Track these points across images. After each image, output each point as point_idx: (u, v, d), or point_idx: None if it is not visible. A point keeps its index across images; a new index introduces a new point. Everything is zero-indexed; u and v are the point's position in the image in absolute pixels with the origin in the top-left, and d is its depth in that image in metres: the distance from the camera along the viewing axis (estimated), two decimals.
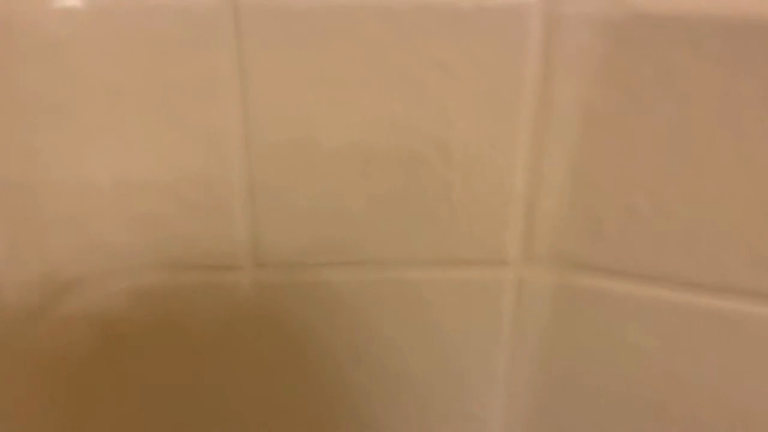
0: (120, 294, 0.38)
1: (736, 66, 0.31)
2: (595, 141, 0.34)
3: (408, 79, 0.34)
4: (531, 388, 0.41)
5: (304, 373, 0.41)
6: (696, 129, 0.33)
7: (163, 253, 0.37)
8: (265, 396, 0.42)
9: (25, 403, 0.37)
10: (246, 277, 0.38)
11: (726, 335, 0.36)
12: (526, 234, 0.37)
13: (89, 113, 0.34)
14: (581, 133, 0.34)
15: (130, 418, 0.41)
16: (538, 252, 0.37)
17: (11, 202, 0.34)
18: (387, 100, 0.34)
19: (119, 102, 0.34)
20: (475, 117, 0.35)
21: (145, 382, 0.40)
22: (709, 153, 0.33)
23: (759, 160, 0.33)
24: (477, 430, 0.43)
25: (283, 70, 0.34)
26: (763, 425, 0.38)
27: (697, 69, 0.32)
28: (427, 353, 0.41)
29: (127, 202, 0.36)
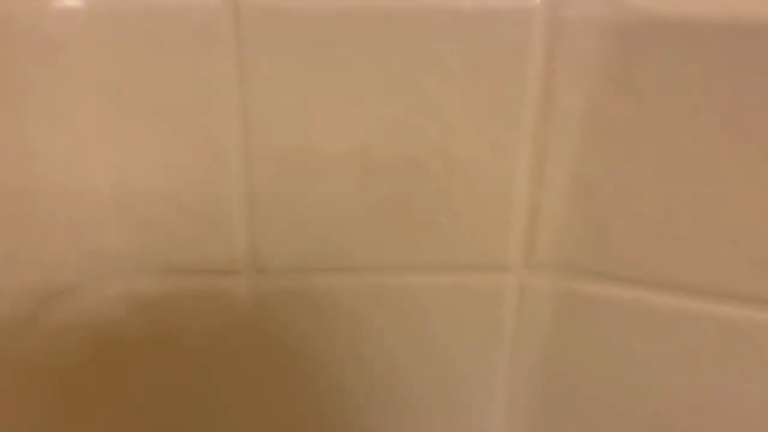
0: (118, 299, 0.37)
1: (740, 70, 0.31)
2: (598, 146, 0.34)
3: (409, 83, 0.34)
4: (532, 396, 0.41)
5: (303, 380, 0.41)
6: (700, 134, 0.33)
7: (161, 258, 0.37)
8: (262, 403, 0.41)
9: (20, 410, 0.37)
10: (245, 282, 0.38)
11: (729, 342, 0.36)
12: (528, 240, 0.37)
13: (88, 116, 0.34)
14: (584, 138, 0.34)
15: (127, 426, 0.40)
16: (540, 258, 0.37)
17: (8, 206, 0.34)
18: (388, 104, 0.34)
19: (118, 105, 0.34)
20: (477, 122, 0.34)
21: (142, 388, 0.40)
22: (713, 158, 0.33)
23: (764, 165, 0.32)
24: None
25: (283, 73, 0.33)
26: None
27: (702, 73, 0.31)
28: (426, 360, 0.40)
29: (126, 206, 0.36)
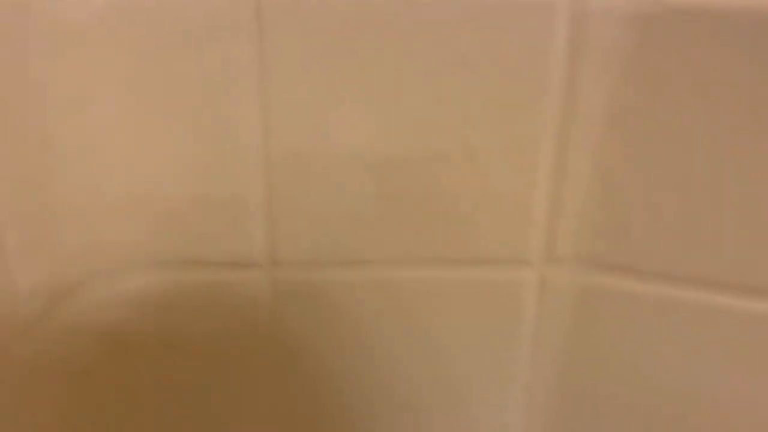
0: (134, 292, 0.37)
1: (765, 61, 0.31)
2: (621, 139, 0.34)
3: (430, 75, 0.34)
4: (551, 392, 0.40)
5: (320, 374, 0.41)
6: (724, 126, 0.32)
7: (178, 251, 0.37)
8: (277, 397, 0.41)
9: (29, 408, 0.36)
10: (262, 275, 0.37)
11: (757, 338, 0.36)
12: (549, 234, 0.37)
13: (106, 107, 0.34)
14: (607, 131, 0.34)
15: (140, 424, 0.40)
16: (561, 252, 0.37)
17: (24, 197, 0.33)
18: (409, 96, 0.34)
19: (136, 96, 0.34)
20: (498, 114, 0.34)
21: (155, 386, 0.40)
22: (737, 151, 0.33)
23: None
24: None
25: (303, 66, 0.33)
26: None
27: (726, 64, 0.31)
28: (445, 354, 0.40)
29: (143, 198, 0.36)
